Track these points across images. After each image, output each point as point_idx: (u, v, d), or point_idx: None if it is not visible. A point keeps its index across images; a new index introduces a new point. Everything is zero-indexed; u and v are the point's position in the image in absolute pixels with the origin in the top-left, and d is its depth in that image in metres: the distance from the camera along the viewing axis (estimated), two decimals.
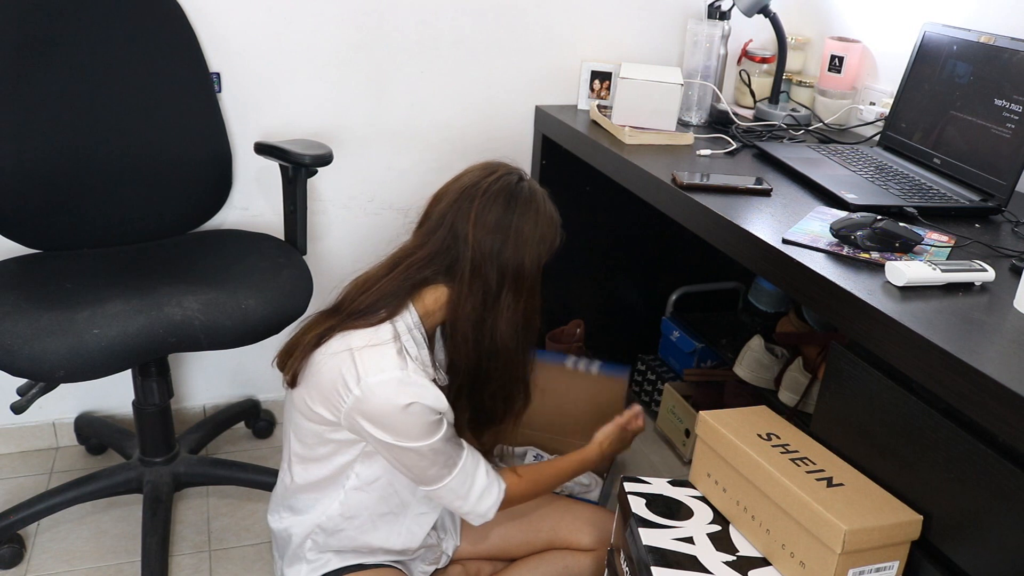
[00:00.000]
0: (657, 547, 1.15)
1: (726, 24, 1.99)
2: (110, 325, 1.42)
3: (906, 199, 1.46)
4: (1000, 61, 1.49)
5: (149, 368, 1.72)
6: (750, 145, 1.83)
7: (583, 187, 2.18)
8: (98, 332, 1.40)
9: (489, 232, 1.24)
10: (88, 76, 1.70)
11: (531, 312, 1.32)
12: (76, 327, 1.41)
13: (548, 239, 1.30)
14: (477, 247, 1.24)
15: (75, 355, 1.38)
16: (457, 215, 1.25)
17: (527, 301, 1.30)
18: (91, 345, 1.39)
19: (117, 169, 1.74)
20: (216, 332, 1.49)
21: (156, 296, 1.51)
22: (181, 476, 1.82)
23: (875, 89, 1.97)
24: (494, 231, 1.25)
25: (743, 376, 1.90)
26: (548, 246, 1.31)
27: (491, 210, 1.25)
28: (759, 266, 1.29)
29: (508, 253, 1.25)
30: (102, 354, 1.40)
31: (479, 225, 1.24)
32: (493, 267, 1.25)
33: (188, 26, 1.77)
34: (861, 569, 1.04)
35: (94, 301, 1.48)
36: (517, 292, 1.27)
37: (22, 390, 1.52)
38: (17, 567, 1.70)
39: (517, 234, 1.25)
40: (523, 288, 1.28)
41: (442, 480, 1.25)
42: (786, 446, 1.17)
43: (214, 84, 1.85)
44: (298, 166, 1.75)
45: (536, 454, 1.84)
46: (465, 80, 2.06)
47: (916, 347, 0.99)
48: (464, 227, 1.24)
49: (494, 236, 1.24)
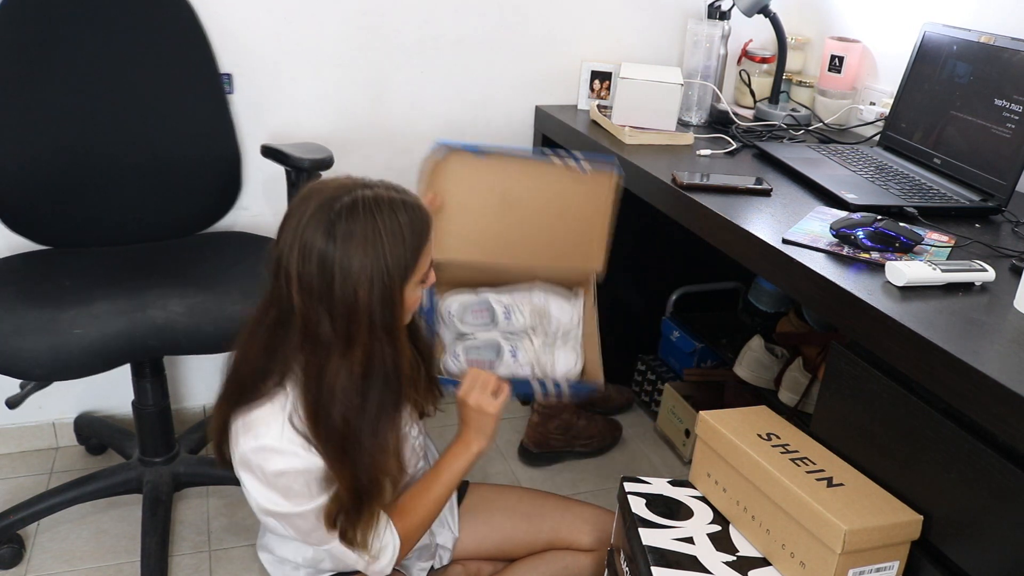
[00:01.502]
0: (657, 547, 1.15)
1: (726, 24, 1.99)
2: (92, 325, 1.42)
3: (906, 199, 1.46)
4: (1000, 61, 1.49)
5: (143, 368, 1.72)
6: (750, 145, 1.83)
7: None
8: (80, 332, 1.40)
9: (315, 274, 1.03)
10: (98, 75, 1.70)
11: (377, 360, 1.08)
12: (59, 326, 1.41)
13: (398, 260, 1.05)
14: (303, 295, 1.04)
15: (55, 354, 1.38)
16: (284, 258, 1.04)
17: (369, 347, 1.06)
18: (72, 345, 1.39)
19: (126, 168, 1.75)
20: (198, 336, 1.47)
21: (143, 298, 1.50)
22: (181, 476, 1.82)
23: (875, 89, 1.97)
24: (319, 270, 1.02)
25: (743, 376, 1.90)
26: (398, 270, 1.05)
27: (313, 245, 1.02)
28: (759, 266, 1.29)
29: (337, 293, 1.03)
30: (82, 354, 1.39)
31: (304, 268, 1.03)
32: (323, 314, 1.04)
33: (199, 26, 1.77)
34: (861, 569, 1.04)
35: (83, 300, 1.49)
36: (349, 339, 1.05)
37: (21, 384, 1.53)
38: (17, 567, 1.70)
39: (343, 267, 1.02)
40: (359, 331, 1.05)
41: (329, 541, 1.16)
42: (786, 446, 1.17)
43: (225, 85, 1.85)
44: (299, 170, 1.74)
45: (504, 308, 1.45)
46: (465, 80, 2.06)
47: (916, 347, 0.99)
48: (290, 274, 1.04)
49: (320, 276, 1.03)
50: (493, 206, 1.45)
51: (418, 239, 1.08)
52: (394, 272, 1.05)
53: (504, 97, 2.11)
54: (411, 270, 1.08)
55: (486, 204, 1.45)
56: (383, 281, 1.04)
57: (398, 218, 1.05)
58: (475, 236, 1.47)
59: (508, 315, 1.45)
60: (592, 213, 1.42)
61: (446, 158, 1.42)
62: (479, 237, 1.47)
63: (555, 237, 1.46)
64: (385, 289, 1.05)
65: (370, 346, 1.07)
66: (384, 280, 1.04)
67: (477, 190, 1.45)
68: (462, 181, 1.44)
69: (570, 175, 1.40)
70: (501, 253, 1.49)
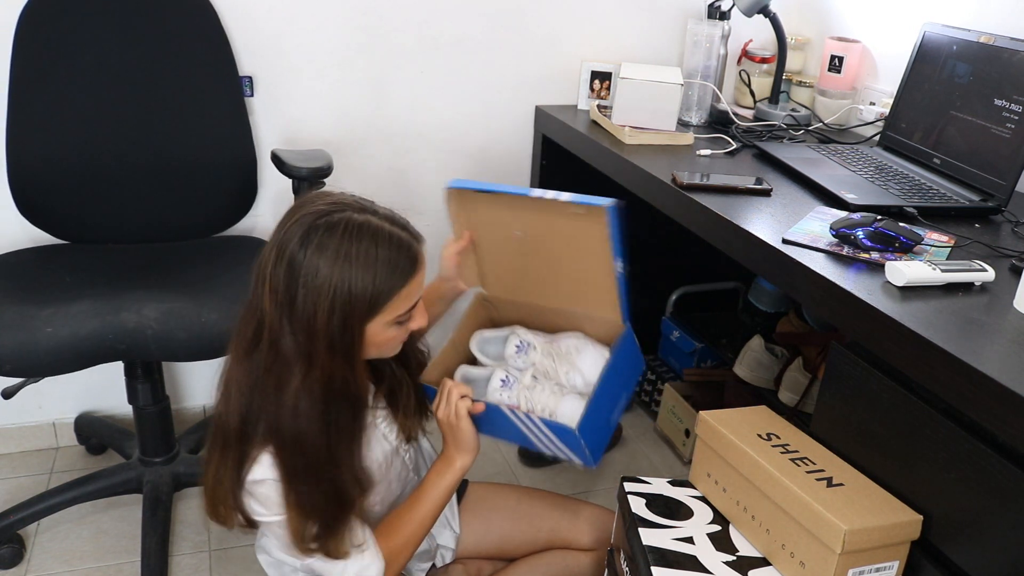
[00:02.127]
0: (657, 547, 1.15)
1: (726, 24, 1.99)
2: (64, 325, 1.42)
3: (906, 199, 1.46)
4: (1000, 61, 1.49)
5: (134, 369, 1.72)
6: (750, 145, 1.83)
7: (583, 187, 2.17)
8: (50, 331, 1.41)
9: (281, 279, 1.01)
10: (121, 75, 1.72)
11: (331, 384, 1.05)
12: (33, 324, 1.42)
13: (362, 288, 1.01)
14: (271, 302, 1.02)
15: (23, 351, 1.39)
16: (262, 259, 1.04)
17: (323, 369, 1.03)
18: (41, 343, 1.40)
19: (142, 168, 1.76)
20: (168, 343, 1.45)
21: (121, 300, 1.49)
22: (181, 476, 1.82)
23: (875, 89, 1.97)
24: (285, 276, 1.00)
25: (743, 376, 1.90)
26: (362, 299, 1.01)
27: (286, 248, 1.01)
28: (759, 266, 1.29)
29: (298, 305, 1.00)
30: (49, 354, 1.40)
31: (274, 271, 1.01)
32: (285, 326, 1.02)
33: (220, 28, 1.77)
34: (861, 569, 1.04)
35: (70, 298, 1.49)
36: (309, 359, 1.02)
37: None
38: (17, 567, 1.70)
39: (306, 279, 0.99)
40: (317, 352, 1.02)
41: (304, 557, 1.15)
42: (786, 446, 1.17)
43: (244, 88, 1.85)
44: (299, 179, 1.72)
45: (520, 341, 1.41)
46: (465, 80, 2.06)
47: (916, 347, 0.99)
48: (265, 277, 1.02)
49: (285, 283, 1.00)
50: (517, 246, 1.44)
51: (394, 278, 1.04)
52: (356, 302, 1.02)
53: (504, 97, 2.11)
54: (379, 307, 1.04)
55: (511, 243, 1.44)
56: (344, 307, 1.01)
57: (377, 250, 1.02)
58: (509, 275, 1.47)
59: (522, 349, 1.40)
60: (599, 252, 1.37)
61: (472, 199, 1.40)
62: (512, 276, 1.47)
63: (576, 278, 1.42)
64: (345, 316, 1.02)
65: (330, 369, 1.04)
66: (344, 307, 1.01)
67: (501, 230, 1.43)
68: (488, 222, 1.43)
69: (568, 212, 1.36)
70: (535, 293, 1.47)
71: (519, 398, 1.33)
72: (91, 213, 1.75)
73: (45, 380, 1.89)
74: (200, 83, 1.77)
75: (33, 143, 1.67)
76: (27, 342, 1.39)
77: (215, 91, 1.78)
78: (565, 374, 1.37)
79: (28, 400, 2.02)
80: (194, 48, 1.75)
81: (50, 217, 1.74)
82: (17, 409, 2.03)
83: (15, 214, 1.72)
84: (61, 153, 1.69)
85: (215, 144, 1.80)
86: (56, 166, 1.69)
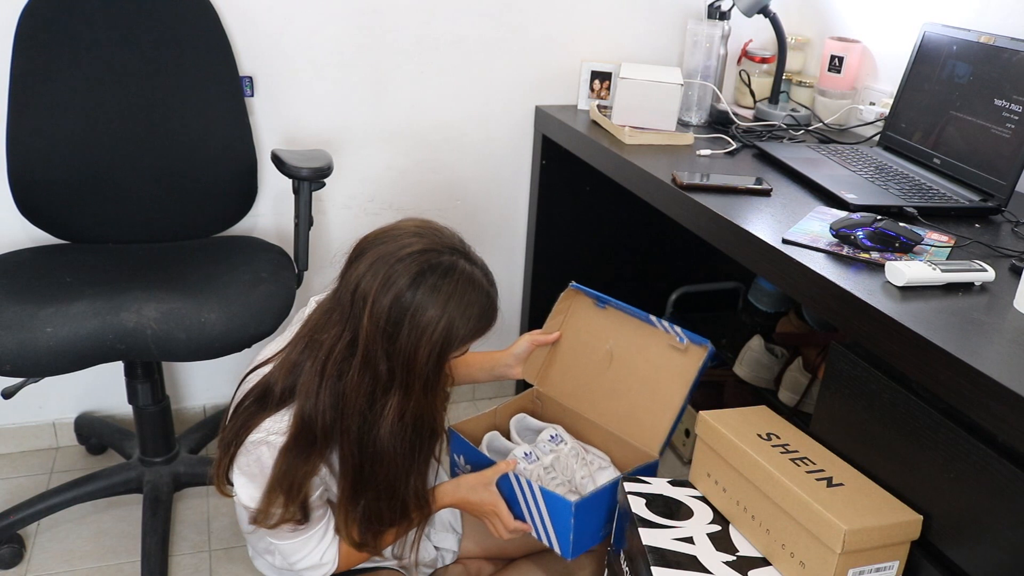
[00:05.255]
0: (657, 547, 1.15)
1: (726, 24, 1.99)
2: (64, 325, 1.42)
3: (906, 199, 1.46)
4: (1000, 61, 1.49)
5: (134, 369, 1.72)
6: (750, 145, 1.83)
7: (583, 187, 2.18)
8: (50, 331, 1.41)
9: (385, 309, 1.06)
10: (122, 75, 1.72)
11: (421, 418, 1.13)
12: (33, 323, 1.42)
13: (458, 333, 1.09)
14: (371, 325, 1.07)
15: (23, 351, 1.39)
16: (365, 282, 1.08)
17: (417, 403, 1.11)
18: (40, 343, 1.40)
19: (142, 168, 1.76)
20: (168, 344, 1.45)
21: (121, 300, 1.49)
22: (181, 476, 1.82)
23: (875, 89, 1.97)
24: (391, 307, 1.06)
25: (743, 376, 1.90)
26: (455, 341, 1.10)
27: (396, 282, 1.06)
28: (759, 266, 1.29)
29: (402, 338, 1.07)
30: (48, 354, 1.40)
31: (379, 299, 1.06)
32: (382, 352, 1.08)
33: (220, 27, 1.77)
34: (861, 569, 1.04)
35: (70, 298, 1.49)
36: (406, 390, 1.10)
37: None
38: (17, 567, 1.70)
39: (414, 316, 1.06)
40: (413, 386, 1.10)
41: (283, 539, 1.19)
42: (786, 446, 1.17)
43: (245, 88, 1.85)
44: (299, 179, 1.71)
45: (555, 433, 1.49)
46: (465, 80, 2.06)
47: (916, 347, 0.99)
48: (367, 300, 1.07)
49: (389, 313, 1.06)
50: (599, 358, 1.51)
51: (480, 325, 1.13)
52: (453, 340, 1.10)
53: (504, 97, 2.11)
54: (463, 346, 1.13)
55: (595, 353, 1.52)
56: (442, 344, 1.09)
57: (478, 299, 1.11)
58: (571, 382, 1.54)
59: (555, 440, 1.47)
60: (674, 389, 1.43)
61: (575, 300, 1.52)
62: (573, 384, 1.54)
63: (635, 406, 1.48)
64: (442, 352, 1.10)
65: (423, 403, 1.12)
66: (443, 344, 1.09)
67: (592, 339, 1.52)
68: (585, 328, 1.53)
69: (668, 343, 1.44)
70: (586, 406, 1.54)
71: (532, 474, 1.39)
72: (91, 213, 1.75)
73: (45, 380, 1.88)
74: (200, 83, 1.77)
75: (33, 143, 1.68)
76: (27, 342, 1.39)
77: (215, 91, 1.78)
78: (581, 478, 1.43)
79: (28, 400, 2.02)
80: (194, 48, 1.75)
81: (50, 217, 1.74)
82: (17, 409, 2.03)
83: (15, 214, 1.72)
84: (61, 153, 1.69)
85: (215, 144, 1.80)
86: (56, 166, 1.70)
